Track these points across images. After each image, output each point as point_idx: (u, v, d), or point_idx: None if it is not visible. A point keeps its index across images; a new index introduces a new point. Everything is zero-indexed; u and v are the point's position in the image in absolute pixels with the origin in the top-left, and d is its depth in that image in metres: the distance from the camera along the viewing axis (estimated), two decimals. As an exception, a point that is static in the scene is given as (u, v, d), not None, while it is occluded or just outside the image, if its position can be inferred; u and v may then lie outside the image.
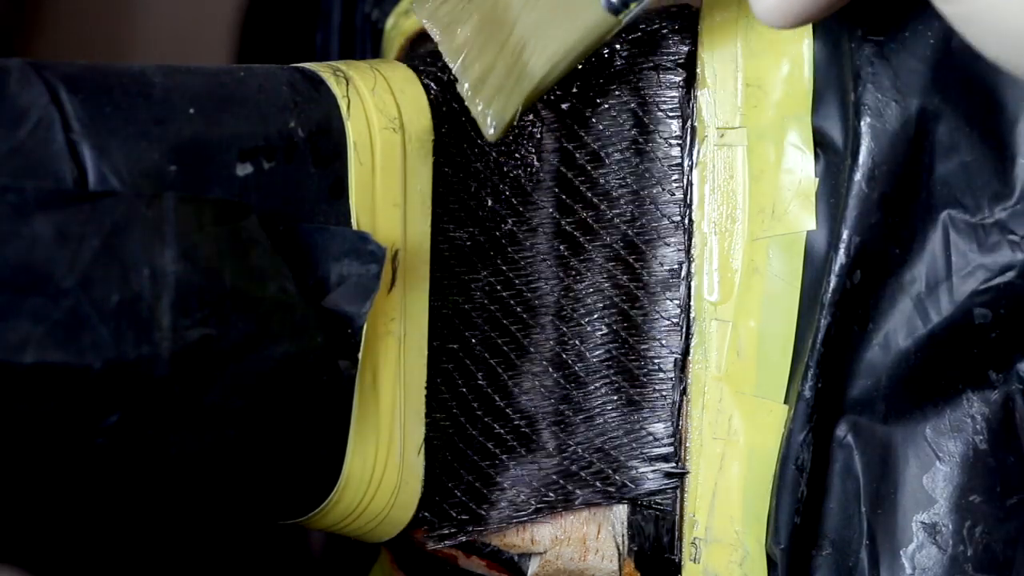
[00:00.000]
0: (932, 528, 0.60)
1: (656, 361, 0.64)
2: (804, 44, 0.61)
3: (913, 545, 0.60)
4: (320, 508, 0.61)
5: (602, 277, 0.65)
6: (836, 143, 0.60)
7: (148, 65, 0.58)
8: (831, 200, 0.60)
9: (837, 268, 0.60)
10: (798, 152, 0.61)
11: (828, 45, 0.60)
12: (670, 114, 0.64)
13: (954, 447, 0.60)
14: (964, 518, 0.59)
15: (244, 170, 0.58)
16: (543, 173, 0.64)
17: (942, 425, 0.60)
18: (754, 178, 0.62)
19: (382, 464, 0.61)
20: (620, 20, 0.59)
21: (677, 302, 0.64)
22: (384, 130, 0.61)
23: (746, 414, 0.62)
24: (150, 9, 1.19)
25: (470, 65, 0.61)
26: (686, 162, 0.64)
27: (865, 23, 0.58)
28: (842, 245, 0.60)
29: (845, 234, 0.60)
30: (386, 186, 0.61)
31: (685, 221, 0.64)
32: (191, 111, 0.57)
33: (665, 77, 0.64)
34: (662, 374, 0.64)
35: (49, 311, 0.51)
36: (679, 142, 0.64)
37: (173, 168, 0.56)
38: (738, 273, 0.62)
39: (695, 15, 0.63)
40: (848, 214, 0.59)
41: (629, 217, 0.64)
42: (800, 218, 0.61)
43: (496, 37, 0.60)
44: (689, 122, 0.63)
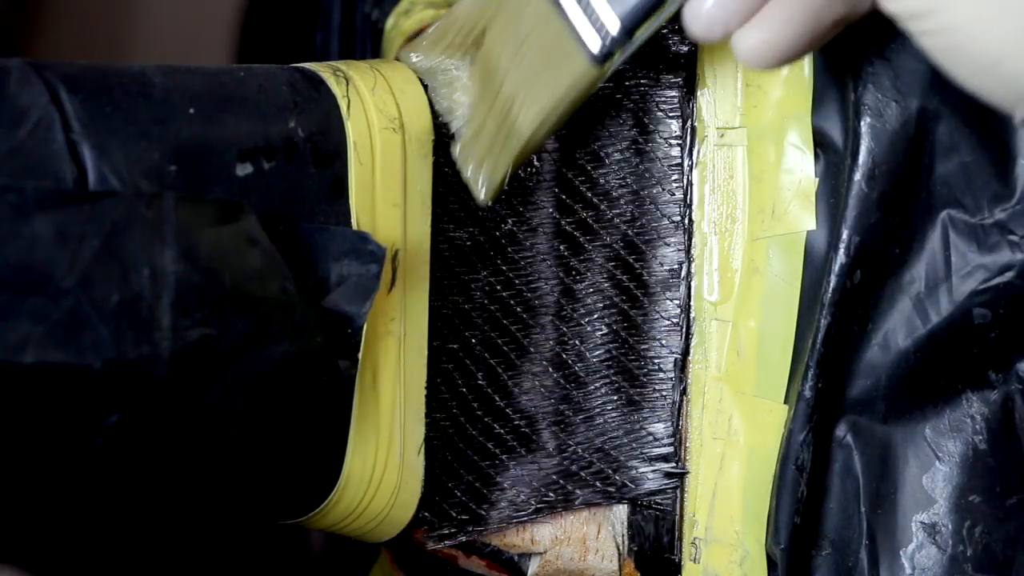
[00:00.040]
0: (932, 528, 0.60)
1: (656, 361, 0.64)
2: (804, 44, 0.61)
3: (913, 545, 0.60)
4: (320, 508, 0.61)
5: (602, 277, 0.65)
6: (836, 143, 0.60)
7: (148, 65, 0.58)
8: (831, 200, 0.60)
9: (837, 268, 0.60)
10: (798, 152, 0.61)
11: (828, 45, 0.60)
12: (670, 114, 0.64)
13: (954, 447, 0.60)
14: (964, 518, 0.59)
15: (244, 170, 0.58)
16: (543, 173, 0.64)
17: (942, 425, 0.60)
18: (754, 178, 0.62)
19: (382, 464, 0.61)
20: (605, 70, 0.58)
21: (677, 302, 0.64)
22: (384, 130, 0.61)
23: (746, 414, 0.62)
24: (150, 9, 1.19)
25: (461, 124, 0.61)
26: (686, 162, 0.64)
27: (865, 23, 0.58)
28: (842, 245, 0.60)
29: (845, 234, 0.60)
30: (386, 186, 0.61)
31: (685, 221, 0.64)
32: (191, 111, 0.57)
33: (665, 77, 0.63)
34: (662, 374, 0.64)
35: (49, 311, 0.51)
36: (679, 142, 0.64)
37: (173, 168, 0.56)
38: (738, 273, 0.62)
39: (695, 15, 0.63)
40: (848, 214, 0.59)
41: (629, 217, 0.64)
42: (800, 218, 0.61)
43: (486, 95, 0.60)
44: (689, 122, 0.63)
